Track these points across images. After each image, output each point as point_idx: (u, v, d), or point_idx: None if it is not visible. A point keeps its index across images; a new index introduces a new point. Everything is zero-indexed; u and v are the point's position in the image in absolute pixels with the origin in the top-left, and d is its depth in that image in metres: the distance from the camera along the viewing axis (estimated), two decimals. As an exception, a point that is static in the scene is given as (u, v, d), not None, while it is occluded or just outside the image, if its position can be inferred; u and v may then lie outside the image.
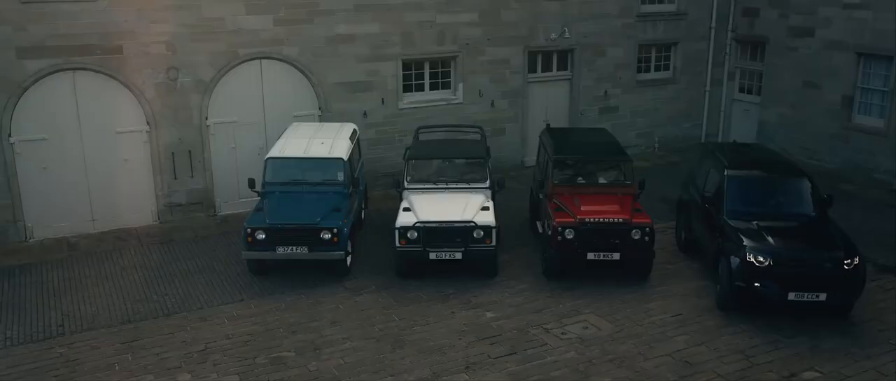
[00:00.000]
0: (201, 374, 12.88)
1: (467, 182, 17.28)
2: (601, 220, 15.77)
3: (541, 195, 17.51)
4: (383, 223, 18.31)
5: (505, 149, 23.32)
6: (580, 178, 17.17)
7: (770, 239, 14.55)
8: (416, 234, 15.81)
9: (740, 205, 15.50)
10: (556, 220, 15.86)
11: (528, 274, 16.58)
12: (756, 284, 14.16)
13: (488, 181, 17.30)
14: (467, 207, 16.28)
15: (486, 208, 16.41)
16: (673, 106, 26.02)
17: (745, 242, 14.52)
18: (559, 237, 15.73)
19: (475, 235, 15.79)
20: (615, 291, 15.74)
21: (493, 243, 15.90)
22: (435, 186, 17.25)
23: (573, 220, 15.80)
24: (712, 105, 26.56)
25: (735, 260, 14.43)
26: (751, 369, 13.02)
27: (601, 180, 17.21)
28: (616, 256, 15.72)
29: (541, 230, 17.22)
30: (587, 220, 15.74)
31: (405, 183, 17.30)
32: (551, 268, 16.21)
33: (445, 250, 15.85)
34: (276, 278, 16.34)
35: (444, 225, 15.84)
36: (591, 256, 15.72)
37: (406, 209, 16.41)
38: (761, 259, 14.15)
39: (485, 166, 17.53)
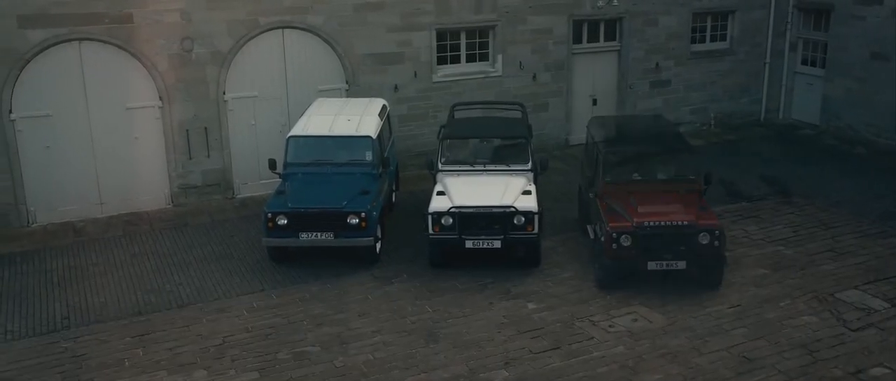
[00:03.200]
0: (218, 370, 12.76)
1: (507, 164, 16.99)
2: (662, 223, 14.76)
3: (591, 195, 16.53)
4: (416, 207, 18.14)
5: (548, 126, 23.05)
6: (636, 174, 16.30)
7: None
8: (450, 220, 15.55)
9: None
10: (611, 224, 14.89)
11: (574, 262, 16.28)
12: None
13: (530, 163, 16.98)
14: (507, 190, 15.99)
15: (527, 192, 16.12)
16: (730, 79, 25.60)
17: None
18: (614, 245, 14.80)
19: (516, 221, 15.49)
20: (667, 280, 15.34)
21: (536, 230, 15.59)
22: (472, 168, 16.98)
23: (630, 224, 14.86)
24: (773, 78, 26.14)
25: None
26: (814, 364, 12.68)
27: (660, 176, 16.31)
28: (682, 265, 14.75)
29: (592, 236, 16.19)
30: (646, 223, 14.78)
31: (439, 165, 17.05)
32: (607, 280, 15.21)
33: (483, 237, 15.56)
34: (300, 266, 16.21)
35: (481, 211, 15.57)
36: (652, 266, 14.75)
37: (440, 193, 16.19)
38: None
39: (526, 146, 17.21)
